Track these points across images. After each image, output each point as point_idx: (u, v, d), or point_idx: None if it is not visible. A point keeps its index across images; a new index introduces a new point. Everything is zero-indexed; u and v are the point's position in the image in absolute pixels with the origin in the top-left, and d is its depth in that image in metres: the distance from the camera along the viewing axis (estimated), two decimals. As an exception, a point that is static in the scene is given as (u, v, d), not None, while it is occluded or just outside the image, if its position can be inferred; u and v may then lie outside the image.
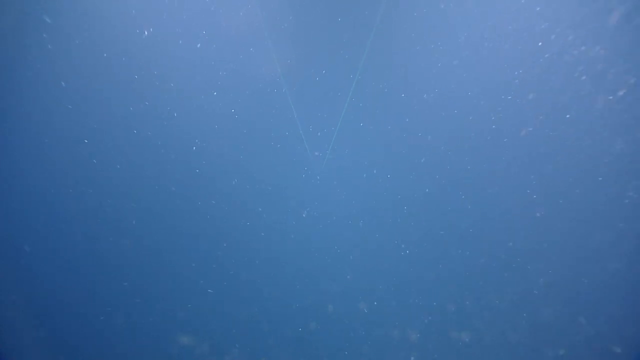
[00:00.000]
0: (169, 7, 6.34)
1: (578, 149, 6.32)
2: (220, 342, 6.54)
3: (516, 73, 6.36)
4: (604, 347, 6.22)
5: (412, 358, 6.52)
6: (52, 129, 6.27)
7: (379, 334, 6.66)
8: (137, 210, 6.55)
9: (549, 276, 6.45)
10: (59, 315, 6.28)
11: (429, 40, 6.59)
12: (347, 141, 6.79)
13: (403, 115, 6.73)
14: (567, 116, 6.30)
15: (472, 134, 6.63)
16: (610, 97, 6.06)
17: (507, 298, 6.55)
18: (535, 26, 6.13)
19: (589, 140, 6.26)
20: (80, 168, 6.38)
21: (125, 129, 6.43)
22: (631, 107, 6.03)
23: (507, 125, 6.55)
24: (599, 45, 5.88)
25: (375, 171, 6.86)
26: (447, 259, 6.69)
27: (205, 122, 6.64)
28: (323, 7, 6.68)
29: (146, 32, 6.28)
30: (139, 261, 6.54)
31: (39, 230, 6.27)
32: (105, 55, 6.26)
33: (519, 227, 6.54)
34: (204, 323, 6.58)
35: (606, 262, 6.26)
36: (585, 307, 6.32)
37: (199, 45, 6.46)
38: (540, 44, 6.15)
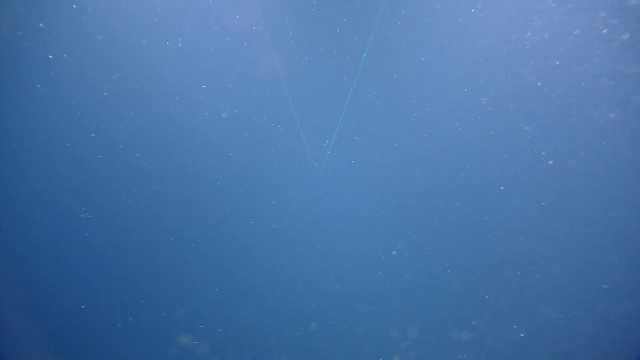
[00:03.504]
0: (170, 7, 6.35)
1: (579, 149, 6.31)
2: (220, 342, 6.55)
3: (522, 75, 6.35)
4: (604, 347, 6.21)
5: (412, 358, 6.52)
6: (51, 128, 6.28)
7: (379, 334, 6.65)
8: (137, 209, 6.56)
9: (550, 276, 6.44)
10: (59, 315, 6.29)
11: (431, 40, 6.58)
12: (348, 141, 6.79)
13: (404, 115, 6.72)
14: (570, 116, 6.29)
15: (474, 134, 6.62)
16: (614, 98, 6.05)
17: (509, 298, 6.55)
18: (545, 28, 6.12)
19: (591, 140, 6.25)
20: (80, 167, 6.38)
21: (125, 128, 6.44)
22: (633, 108, 6.02)
23: (509, 125, 6.54)
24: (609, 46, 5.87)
25: (376, 171, 6.85)
26: (448, 259, 6.69)
27: (206, 122, 6.64)
28: (323, 7, 6.68)
29: (146, 32, 6.29)
30: (139, 261, 6.54)
31: (39, 230, 6.27)
32: (105, 55, 6.27)
33: (520, 227, 6.54)
34: (204, 323, 6.58)
35: (606, 262, 6.25)
36: (585, 307, 6.32)
37: (199, 46, 6.46)
38: (548, 46, 6.14)
